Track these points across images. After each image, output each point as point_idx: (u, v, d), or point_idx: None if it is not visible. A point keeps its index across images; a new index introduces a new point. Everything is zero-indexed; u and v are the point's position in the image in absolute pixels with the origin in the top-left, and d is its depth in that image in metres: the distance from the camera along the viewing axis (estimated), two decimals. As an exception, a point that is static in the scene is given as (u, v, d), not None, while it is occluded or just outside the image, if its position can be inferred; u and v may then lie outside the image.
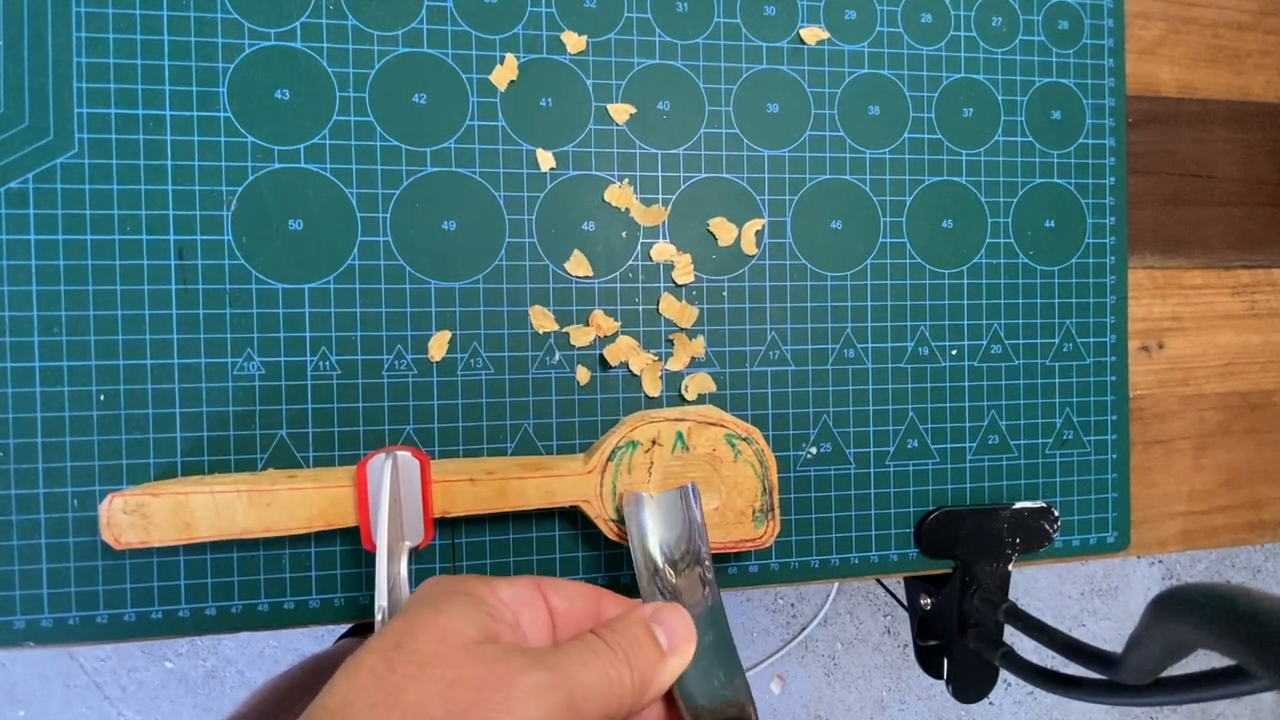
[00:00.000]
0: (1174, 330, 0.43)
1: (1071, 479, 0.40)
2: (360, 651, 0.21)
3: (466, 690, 0.20)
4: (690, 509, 0.31)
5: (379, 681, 0.20)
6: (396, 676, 0.20)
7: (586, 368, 0.35)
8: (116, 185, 0.32)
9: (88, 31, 0.32)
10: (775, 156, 0.37)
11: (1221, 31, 0.43)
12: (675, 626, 0.25)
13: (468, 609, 0.23)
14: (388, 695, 0.20)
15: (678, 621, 0.25)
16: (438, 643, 0.21)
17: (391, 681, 0.20)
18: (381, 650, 0.21)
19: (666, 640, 0.24)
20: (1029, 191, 0.40)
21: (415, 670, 0.20)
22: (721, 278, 0.37)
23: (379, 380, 0.34)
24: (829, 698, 1.16)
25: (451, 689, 0.20)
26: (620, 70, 0.36)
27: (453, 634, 0.21)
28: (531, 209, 0.35)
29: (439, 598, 0.23)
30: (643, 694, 0.23)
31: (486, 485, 0.31)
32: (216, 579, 0.32)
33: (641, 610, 0.25)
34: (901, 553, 0.38)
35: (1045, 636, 0.34)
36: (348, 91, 0.34)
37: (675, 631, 0.25)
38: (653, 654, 0.24)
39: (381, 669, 0.20)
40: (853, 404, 0.38)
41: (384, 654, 0.21)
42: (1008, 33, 0.40)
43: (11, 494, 0.31)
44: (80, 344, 0.31)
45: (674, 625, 0.25)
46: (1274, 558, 1.34)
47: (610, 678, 0.22)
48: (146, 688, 1.00)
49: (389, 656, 0.21)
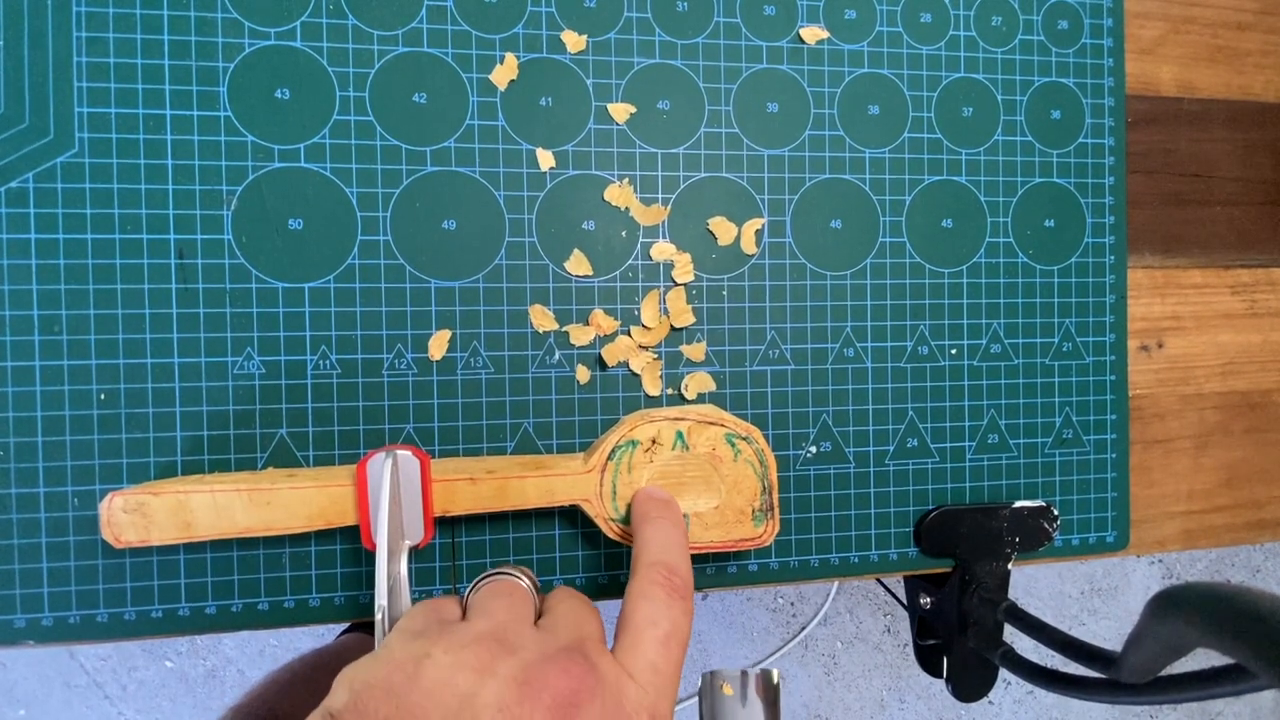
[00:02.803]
0: (1174, 330, 0.43)
1: (1071, 478, 0.40)
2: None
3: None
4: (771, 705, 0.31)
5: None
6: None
7: (586, 367, 0.35)
8: (117, 184, 0.32)
9: (88, 31, 0.32)
10: (775, 156, 0.37)
11: (1221, 31, 0.43)
12: (649, 490, 0.31)
13: None
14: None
15: (645, 494, 0.31)
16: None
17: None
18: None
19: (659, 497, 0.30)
20: (1029, 191, 0.40)
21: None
22: (721, 277, 0.37)
23: (379, 379, 0.34)
24: (829, 697, 1.16)
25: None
26: (620, 70, 0.36)
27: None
28: (531, 208, 0.35)
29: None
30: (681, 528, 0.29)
31: (486, 484, 0.31)
32: (216, 578, 0.33)
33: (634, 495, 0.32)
34: (901, 552, 0.38)
35: (1045, 635, 0.34)
36: (348, 91, 0.34)
37: (653, 492, 0.31)
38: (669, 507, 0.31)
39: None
40: (852, 403, 0.38)
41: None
42: (1007, 32, 0.40)
43: (12, 493, 0.31)
44: (80, 343, 0.32)
45: (647, 491, 0.31)
46: (1274, 557, 1.34)
47: (671, 542, 0.28)
48: (146, 687, 1.00)
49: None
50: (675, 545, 0.27)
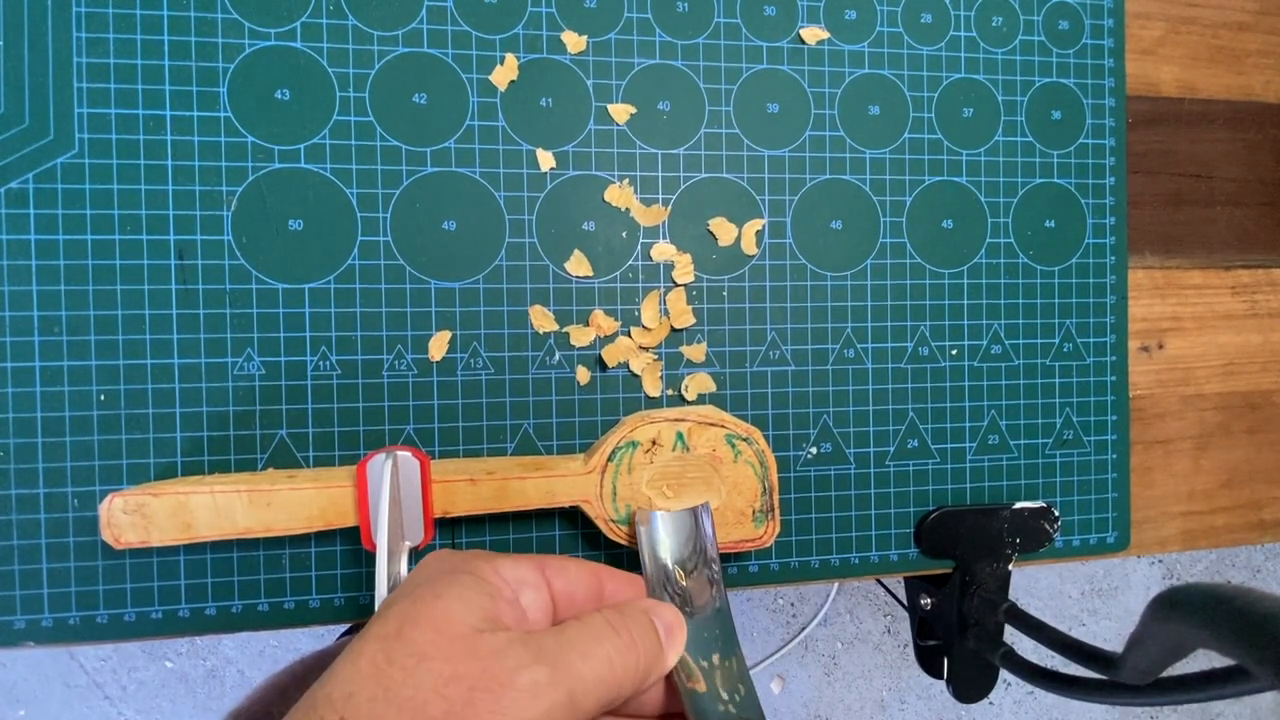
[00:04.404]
0: (1174, 330, 0.43)
1: (1071, 479, 0.40)
2: (362, 638, 0.21)
3: (462, 688, 0.20)
4: (702, 528, 0.31)
5: (379, 674, 0.20)
6: (395, 670, 0.20)
7: (586, 368, 0.35)
8: (116, 185, 0.32)
9: (88, 31, 0.32)
10: (775, 156, 0.37)
11: (1221, 31, 0.43)
12: (668, 615, 0.26)
13: (469, 591, 0.23)
14: (386, 690, 0.20)
15: (670, 612, 0.26)
16: (435, 633, 0.21)
17: (390, 675, 0.20)
18: (383, 638, 0.21)
19: (663, 628, 0.25)
20: (1029, 191, 0.40)
21: (414, 664, 0.20)
22: (721, 278, 0.37)
23: (379, 380, 0.34)
24: (829, 697, 1.16)
25: (448, 686, 0.20)
26: (620, 70, 0.36)
27: (453, 622, 0.21)
28: (531, 209, 0.35)
29: (440, 579, 0.23)
30: (645, 679, 0.24)
31: (486, 485, 0.31)
32: (216, 579, 0.32)
33: (642, 600, 0.27)
34: (901, 553, 0.38)
35: (1045, 636, 0.34)
36: (348, 91, 0.34)
37: (670, 620, 0.26)
38: (655, 640, 0.25)
39: (382, 660, 0.20)
40: (853, 404, 0.38)
41: (385, 642, 0.21)
42: (1008, 33, 0.40)
43: (11, 494, 0.31)
44: (80, 344, 0.32)
45: (667, 615, 0.26)
46: (1274, 558, 1.34)
47: (614, 663, 0.23)
48: (146, 687, 1.00)
49: (389, 646, 0.21)
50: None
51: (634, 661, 0.23)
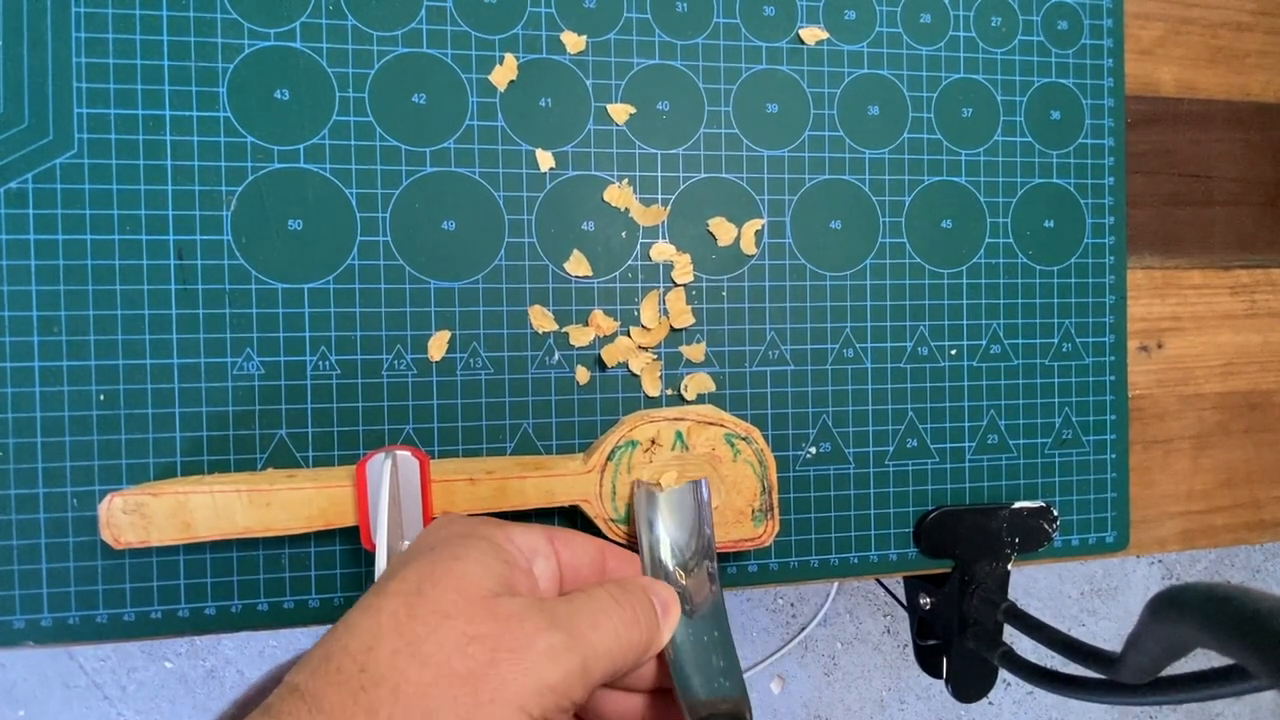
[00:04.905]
0: (1173, 330, 0.43)
1: (1070, 479, 0.40)
2: (380, 593, 0.21)
3: (485, 648, 0.20)
4: (701, 505, 0.31)
5: (400, 627, 0.20)
6: (418, 624, 0.20)
7: (586, 368, 0.35)
8: (116, 185, 0.32)
9: (87, 31, 0.32)
10: (775, 156, 0.37)
11: (1221, 31, 0.43)
12: (664, 593, 0.27)
13: (486, 557, 0.23)
14: (409, 644, 0.20)
15: (666, 591, 0.27)
16: (456, 593, 0.21)
17: (412, 629, 0.20)
18: (403, 594, 0.21)
19: (660, 605, 0.26)
20: (1028, 191, 0.40)
21: (437, 620, 0.20)
22: (721, 278, 0.37)
23: (378, 380, 0.34)
24: (829, 698, 1.16)
25: (471, 645, 0.20)
26: (620, 70, 0.36)
27: (473, 584, 0.22)
28: (531, 209, 0.35)
29: (457, 541, 0.23)
30: (645, 653, 0.25)
31: (486, 485, 0.31)
32: (216, 578, 0.32)
33: (640, 578, 0.28)
34: (901, 552, 0.38)
35: (1044, 636, 0.34)
36: (347, 91, 0.34)
37: (665, 597, 0.27)
38: (654, 616, 0.26)
39: (403, 614, 0.21)
40: (852, 404, 0.38)
41: (406, 598, 0.21)
42: (1007, 33, 0.40)
43: (11, 494, 0.31)
44: (80, 344, 0.32)
45: (663, 592, 0.27)
46: (1274, 558, 1.34)
47: (620, 636, 0.23)
48: (146, 688, 1.00)
49: (410, 601, 0.21)
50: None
51: (637, 636, 0.24)
